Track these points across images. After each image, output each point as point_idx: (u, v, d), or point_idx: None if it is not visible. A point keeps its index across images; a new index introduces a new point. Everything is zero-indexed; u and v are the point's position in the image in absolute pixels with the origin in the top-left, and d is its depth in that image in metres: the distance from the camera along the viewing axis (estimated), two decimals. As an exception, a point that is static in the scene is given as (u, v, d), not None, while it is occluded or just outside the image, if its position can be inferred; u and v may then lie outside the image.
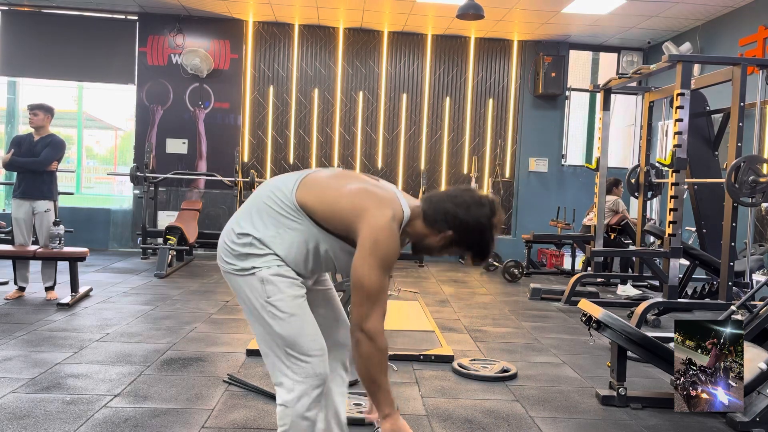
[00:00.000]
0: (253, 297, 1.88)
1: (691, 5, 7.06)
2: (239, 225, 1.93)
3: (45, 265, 5.22)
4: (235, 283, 1.93)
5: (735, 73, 4.92)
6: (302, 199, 1.87)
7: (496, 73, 9.08)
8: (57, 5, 8.34)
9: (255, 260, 1.87)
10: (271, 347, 1.90)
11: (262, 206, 1.91)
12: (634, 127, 9.25)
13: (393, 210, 1.83)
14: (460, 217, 1.85)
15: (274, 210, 1.89)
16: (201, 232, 8.00)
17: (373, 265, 1.76)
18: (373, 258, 1.77)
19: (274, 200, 1.90)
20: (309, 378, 1.88)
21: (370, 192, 1.86)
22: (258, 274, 1.87)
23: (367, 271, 1.76)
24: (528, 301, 6.14)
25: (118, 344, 3.94)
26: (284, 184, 1.93)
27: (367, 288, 1.77)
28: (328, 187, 1.90)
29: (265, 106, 8.86)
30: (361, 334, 1.78)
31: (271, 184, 1.97)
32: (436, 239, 1.89)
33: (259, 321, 1.90)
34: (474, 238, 1.88)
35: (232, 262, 1.91)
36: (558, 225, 8.17)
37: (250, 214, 1.93)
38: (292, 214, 1.87)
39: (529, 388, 3.43)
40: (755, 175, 4.63)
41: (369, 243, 1.77)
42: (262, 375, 3.42)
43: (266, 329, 1.89)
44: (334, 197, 1.86)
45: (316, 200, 1.86)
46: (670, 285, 5.05)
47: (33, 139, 5.25)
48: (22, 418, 2.71)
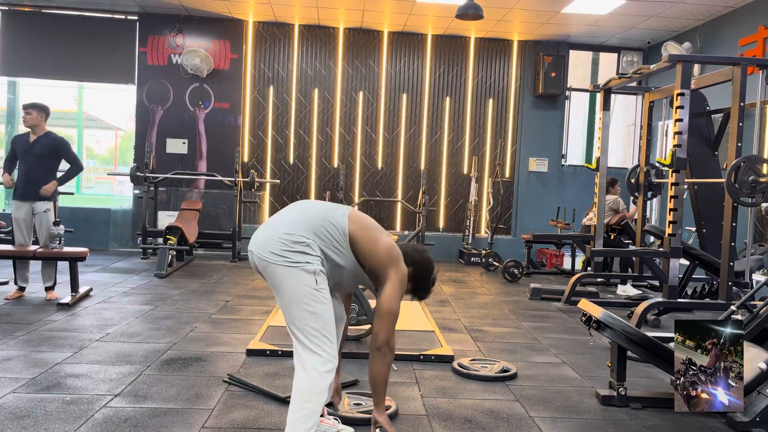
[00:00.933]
0: (301, 285, 2.30)
1: (691, 5, 7.06)
2: (296, 233, 2.36)
3: (45, 265, 5.22)
4: (280, 272, 2.31)
5: (735, 73, 4.92)
6: (352, 232, 2.43)
7: (496, 73, 9.08)
8: (57, 5, 8.34)
9: (309, 257, 2.33)
10: (306, 330, 2.30)
11: (319, 228, 2.39)
12: (634, 127, 9.25)
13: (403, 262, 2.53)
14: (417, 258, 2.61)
15: (327, 235, 2.39)
16: (201, 232, 8.00)
17: (398, 299, 2.44)
18: (399, 294, 2.44)
19: (328, 226, 2.40)
20: (331, 355, 2.32)
21: (395, 246, 2.52)
22: (310, 267, 2.31)
23: (396, 303, 2.42)
24: (528, 301, 6.14)
25: (118, 344, 3.94)
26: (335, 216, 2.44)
27: (394, 314, 2.40)
28: (369, 228, 2.48)
29: (265, 106, 8.86)
30: (387, 347, 2.39)
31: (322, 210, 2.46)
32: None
33: (302, 305, 2.30)
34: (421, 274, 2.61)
35: (286, 255, 2.31)
36: (558, 225, 8.17)
37: (305, 227, 2.38)
38: (341, 242, 2.41)
39: (529, 388, 3.43)
40: (755, 175, 4.63)
41: (398, 284, 2.43)
42: (262, 375, 3.42)
43: (309, 311, 2.29)
44: (374, 240, 2.45)
45: (362, 236, 2.44)
46: (670, 285, 5.05)
47: (29, 139, 5.23)
48: (22, 418, 2.71)
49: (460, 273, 7.90)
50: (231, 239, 8.05)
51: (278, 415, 2.87)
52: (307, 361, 2.29)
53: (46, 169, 5.26)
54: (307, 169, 8.92)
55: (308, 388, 2.27)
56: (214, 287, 6.13)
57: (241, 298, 5.62)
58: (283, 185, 8.89)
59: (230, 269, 7.40)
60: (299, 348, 2.32)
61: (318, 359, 2.29)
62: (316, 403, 2.27)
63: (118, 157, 9.62)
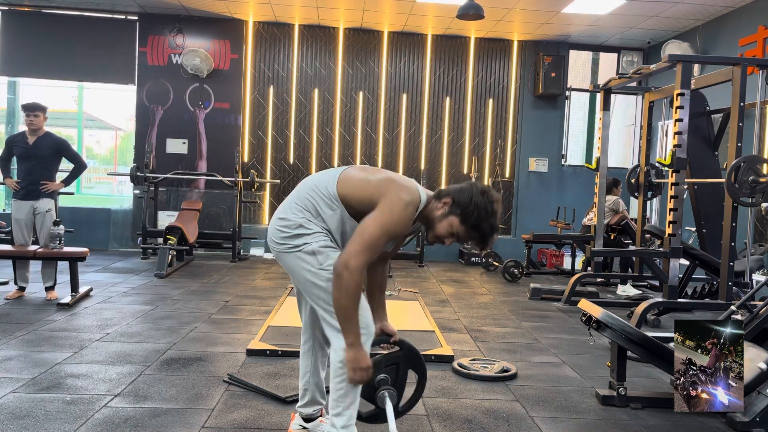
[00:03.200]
0: (307, 268, 2.20)
1: (691, 5, 7.06)
2: (286, 216, 2.26)
3: (45, 265, 5.22)
4: (289, 260, 2.24)
5: (735, 73, 4.92)
6: (341, 191, 2.22)
7: (496, 73, 9.09)
8: (57, 5, 8.34)
9: (305, 238, 2.21)
10: (327, 311, 2.20)
11: (303, 198, 2.26)
12: (634, 127, 9.25)
13: (411, 195, 2.16)
14: (464, 192, 2.17)
15: (316, 200, 2.23)
16: (201, 232, 8.00)
17: (379, 223, 2.09)
18: (382, 218, 2.09)
19: (316, 192, 2.25)
20: (362, 327, 2.17)
21: (394, 179, 2.21)
22: (308, 248, 2.20)
23: (372, 224, 2.09)
24: (528, 301, 6.14)
25: (118, 344, 3.94)
26: (325, 180, 2.27)
27: (366, 236, 2.08)
28: (359, 179, 2.24)
29: (265, 106, 8.86)
30: (345, 269, 2.07)
31: (313, 181, 2.31)
32: (441, 213, 2.19)
33: (316, 286, 2.20)
34: (474, 215, 2.15)
35: (285, 242, 2.24)
36: (558, 225, 8.17)
37: (292, 205, 2.27)
38: (331, 202, 2.22)
39: (529, 388, 3.43)
40: (755, 175, 4.63)
41: (385, 207, 2.10)
42: (262, 375, 3.42)
43: (323, 294, 2.20)
44: (363, 184, 2.21)
45: (349, 190, 2.21)
46: (670, 285, 5.05)
47: (27, 140, 5.20)
48: (22, 418, 2.71)
49: (460, 273, 7.90)
50: (231, 239, 8.05)
51: (278, 415, 2.87)
52: (334, 341, 2.21)
53: (48, 169, 5.27)
54: (307, 170, 8.92)
55: (340, 368, 2.18)
56: (214, 287, 6.13)
57: (241, 298, 5.62)
58: (283, 185, 8.89)
59: (230, 269, 7.40)
60: (325, 326, 2.26)
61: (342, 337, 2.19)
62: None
63: (118, 157, 9.62)
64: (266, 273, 7.23)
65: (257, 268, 7.57)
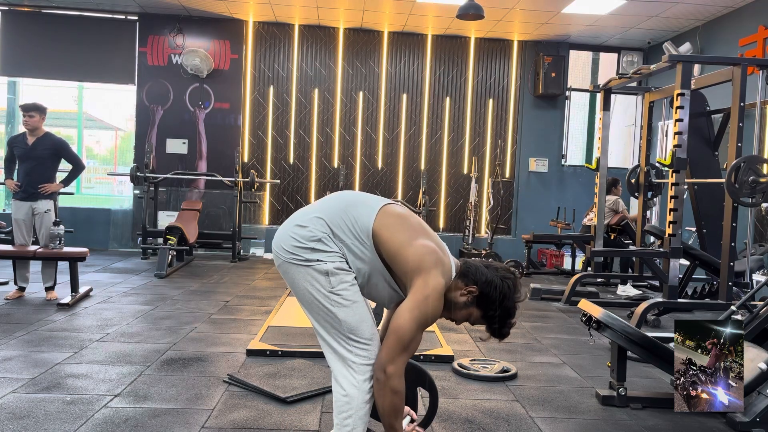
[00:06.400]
0: (316, 287, 2.01)
1: (691, 5, 7.06)
2: (308, 225, 2.04)
3: (45, 266, 5.21)
4: (295, 272, 2.04)
5: (735, 73, 4.92)
6: (377, 230, 2.03)
7: (496, 73, 9.08)
8: (57, 5, 8.34)
9: (320, 254, 2.01)
10: (333, 335, 2.03)
11: (336, 221, 2.05)
12: (634, 127, 9.25)
13: (446, 275, 2.03)
14: (492, 287, 2.06)
15: (347, 231, 2.04)
16: (201, 232, 8.01)
17: (416, 318, 1.95)
18: (419, 312, 1.95)
19: (348, 222, 2.04)
20: (372, 361, 2.01)
21: (435, 252, 2.03)
22: (322, 266, 2.00)
23: (409, 320, 1.95)
24: (528, 301, 6.14)
25: (118, 344, 3.94)
26: (363, 211, 2.07)
27: (402, 335, 1.95)
28: (402, 229, 2.05)
29: (265, 106, 8.86)
30: (383, 374, 1.95)
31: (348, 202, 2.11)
32: (464, 300, 2.08)
33: (321, 310, 2.02)
34: (497, 314, 2.07)
35: (297, 253, 2.03)
36: (558, 225, 8.17)
37: (317, 218, 2.06)
38: (362, 241, 2.03)
39: (529, 388, 3.43)
40: (755, 175, 4.63)
41: (420, 297, 1.96)
42: (262, 375, 3.42)
43: (329, 318, 2.01)
44: (404, 242, 2.02)
45: (388, 236, 2.03)
46: (670, 285, 5.05)
47: (27, 141, 5.20)
48: (22, 418, 2.71)
49: (460, 273, 7.89)
50: (231, 239, 8.05)
51: (278, 415, 2.87)
52: (337, 371, 2.02)
53: (47, 170, 5.27)
54: (307, 170, 8.92)
55: (345, 403, 2.00)
56: (214, 287, 6.13)
57: (241, 298, 5.62)
58: (283, 185, 8.89)
59: (230, 269, 7.40)
60: (329, 355, 2.05)
61: (349, 370, 2.00)
62: (357, 417, 2.01)
63: (118, 157, 9.62)
64: (266, 273, 7.23)
65: (257, 268, 7.57)
